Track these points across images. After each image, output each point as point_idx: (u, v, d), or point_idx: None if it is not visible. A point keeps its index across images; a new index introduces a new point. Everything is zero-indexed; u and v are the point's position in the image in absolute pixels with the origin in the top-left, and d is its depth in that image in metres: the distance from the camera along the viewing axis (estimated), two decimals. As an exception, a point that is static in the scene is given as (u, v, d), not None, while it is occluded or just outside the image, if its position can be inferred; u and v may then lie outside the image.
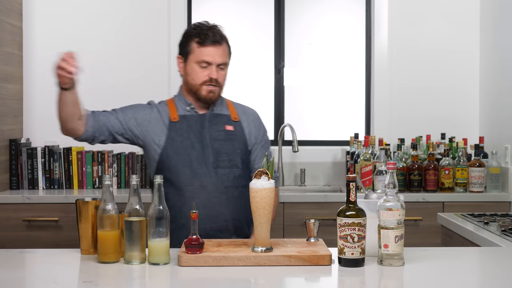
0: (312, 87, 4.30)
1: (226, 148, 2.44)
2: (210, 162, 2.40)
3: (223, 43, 2.44)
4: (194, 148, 2.41)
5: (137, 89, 4.08)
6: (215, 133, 2.45)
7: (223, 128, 2.47)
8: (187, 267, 1.87)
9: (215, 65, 2.41)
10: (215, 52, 2.41)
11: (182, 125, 2.44)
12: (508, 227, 2.45)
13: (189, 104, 2.48)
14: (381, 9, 4.13)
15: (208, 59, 2.40)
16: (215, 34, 2.42)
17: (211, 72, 2.41)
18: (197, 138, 2.42)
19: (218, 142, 2.44)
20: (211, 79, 2.41)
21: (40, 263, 2.03)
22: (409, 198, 3.51)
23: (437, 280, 1.77)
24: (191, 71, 2.44)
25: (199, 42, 2.42)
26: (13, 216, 3.47)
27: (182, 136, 2.42)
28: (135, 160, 3.85)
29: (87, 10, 4.07)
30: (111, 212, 1.94)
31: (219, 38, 2.42)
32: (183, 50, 2.48)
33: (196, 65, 2.42)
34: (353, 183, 1.88)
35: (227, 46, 2.47)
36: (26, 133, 4.02)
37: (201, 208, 2.26)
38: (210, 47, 2.41)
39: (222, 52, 2.43)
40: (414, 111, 4.13)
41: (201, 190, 2.38)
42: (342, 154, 4.13)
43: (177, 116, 2.45)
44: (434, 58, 4.13)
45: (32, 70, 4.02)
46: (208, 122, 2.46)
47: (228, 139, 2.46)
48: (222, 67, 2.44)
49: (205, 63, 2.41)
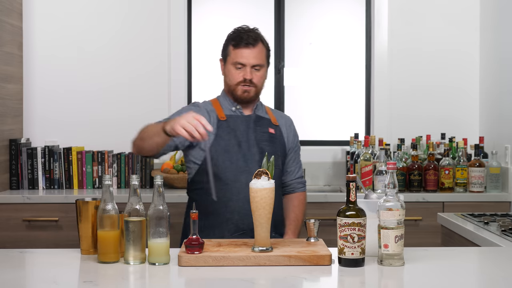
0: (312, 87, 4.30)
1: (269, 149, 2.53)
2: (256, 160, 2.49)
3: (257, 45, 2.51)
4: (241, 147, 2.49)
5: (137, 89, 4.08)
6: (260, 134, 2.55)
7: (267, 130, 2.57)
8: (187, 267, 1.88)
9: (249, 66, 2.49)
10: (249, 53, 2.49)
11: (229, 124, 2.52)
12: (508, 227, 2.45)
13: (235, 104, 2.56)
14: (381, 9, 4.13)
15: (242, 60, 2.49)
16: (249, 37, 2.50)
17: (245, 73, 2.49)
18: (243, 138, 2.51)
19: (262, 143, 2.53)
20: (245, 79, 2.49)
21: (40, 263, 2.03)
22: (409, 198, 3.51)
23: (437, 280, 1.78)
24: (228, 72, 2.54)
25: (234, 45, 2.52)
26: (13, 216, 3.47)
27: (229, 134, 2.50)
28: (135, 160, 3.85)
29: (87, 10, 4.07)
30: (111, 212, 1.94)
31: (252, 41, 2.50)
32: (223, 53, 2.59)
33: (232, 67, 2.52)
34: (353, 183, 1.88)
35: (263, 47, 2.55)
36: (26, 133, 4.02)
37: (246, 204, 2.35)
38: (244, 49, 2.49)
39: (257, 54, 2.51)
40: (414, 111, 4.13)
41: (247, 187, 2.43)
42: (342, 154, 4.13)
43: (224, 115, 2.53)
44: (434, 58, 4.13)
45: (32, 70, 4.02)
46: (253, 123, 2.55)
47: (271, 141, 2.56)
48: (258, 68, 2.52)
49: (240, 64, 2.50)
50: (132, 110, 4.07)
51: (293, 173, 2.67)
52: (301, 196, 2.69)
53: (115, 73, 4.08)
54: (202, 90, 4.20)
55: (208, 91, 4.14)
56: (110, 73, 4.07)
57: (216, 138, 2.48)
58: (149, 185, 3.84)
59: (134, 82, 4.08)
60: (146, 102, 4.08)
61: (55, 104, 4.04)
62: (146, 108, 4.07)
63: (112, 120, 4.05)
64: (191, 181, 2.55)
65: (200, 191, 2.48)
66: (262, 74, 2.54)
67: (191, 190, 2.56)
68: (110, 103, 4.08)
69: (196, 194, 2.51)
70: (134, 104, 4.07)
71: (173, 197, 3.45)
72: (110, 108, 4.07)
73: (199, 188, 2.49)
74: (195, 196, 2.51)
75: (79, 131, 4.04)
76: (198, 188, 2.50)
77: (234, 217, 2.43)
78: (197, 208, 2.42)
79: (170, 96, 4.08)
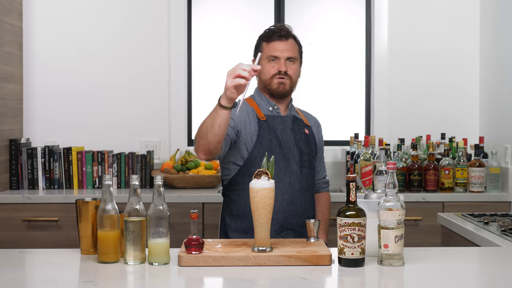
0: (312, 87, 4.30)
1: (306, 149, 2.55)
2: (297, 161, 2.50)
3: (289, 38, 2.54)
4: (281, 147, 2.49)
5: (138, 89, 4.08)
6: (298, 134, 2.56)
7: (303, 131, 2.59)
8: (187, 267, 1.88)
9: (284, 59, 2.50)
10: (282, 46, 2.50)
11: (269, 124, 2.51)
12: (508, 227, 2.45)
13: (273, 104, 2.55)
14: (381, 10, 4.13)
15: (276, 53, 2.50)
16: (281, 30, 2.53)
17: (280, 66, 2.49)
18: (283, 138, 2.51)
19: (301, 143, 2.55)
20: (280, 71, 2.49)
21: (40, 263, 2.03)
22: (409, 198, 3.51)
23: (437, 280, 1.78)
24: (262, 68, 2.52)
25: (267, 40, 2.53)
26: (13, 216, 3.47)
27: (270, 134, 2.49)
28: (135, 160, 3.85)
29: (87, 10, 4.07)
30: (111, 212, 1.94)
31: (285, 34, 2.52)
32: (256, 52, 2.58)
33: (266, 61, 2.51)
34: (353, 183, 1.88)
35: (295, 42, 2.56)
36: (26, 133, 4.02)
37: (290, 204, 2.45)
38: (277, 42, 2.51)
39: (290, 47, 2.52)
40: (414, 111, 4.13)
41: (290, 187, 2.48)
42: (342, 154, 4.13)
43: (263, 115, 2.52)
44: (434, 59, 4.13)
45: (32, 70, 4.02)
46: (292, 124, 2.56)
47: (307, 141, 2.58)
48: (292, 61, 2.52)
49: (274, 57, 2.50)
50: (132, 110, 4.07)
51: (319, 173, 2.70)
52: (327, 195, 2.74)
53: (115, 73, 4.08)
54: (202, 91, 4.20)
55: (208, 91, 4.16)
56: (110, 73, 4.07)
57: (259, 138, 2.47)
58: (149, 185, 3.84)
59: (134, 82, 4.08)
60: (146, 102, 4.08)
61: (55, 104, 4.04)
62: (146, 108, 4.07)
63: (112, 120, 4.06)
64: (231, 182, 2.50)
65: (242, 192, 2.44)
66: (296, 67, 2.54)
67: (231, 190, 2.51)
68: (110, 104, 4.08)
69: (237, 195, 2.48)
70: (134, 105, 4.07)
71: (173, 197, 3.46)
72: (110, 109, 4.07)
73: (240, 188, 2.46)
74: (236, 197, 2.49)
75: (79, 131, 4.04)
76: (239, 189, 2.47)
77: (279, 217, 2.43)
78: (238, 209, 2.47)
79: (170, 96, 4.08)
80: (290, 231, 2.45)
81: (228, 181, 2.52)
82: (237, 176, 2.48)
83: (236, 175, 2.48)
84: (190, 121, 4.17)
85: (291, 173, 2.48)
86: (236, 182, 2.48)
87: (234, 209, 2.49)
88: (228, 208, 2.53)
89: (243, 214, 2.45)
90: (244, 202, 2.43)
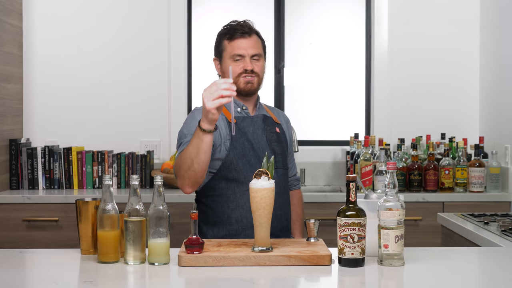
0: (312, 87, 4.30)
1: (279, 149, 2.48)
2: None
3: (252, 34, 2.44)
4: (254, 149, 2.40)
5: (138, 89, 4.08)
6: (270, 134, 2.48)
7: (274, 130, 2.51)
8: (187, 267, 1.87)
9: (249, 57, 2.41)
10: (246, 43, 2.41)
11: (240, 126, 2.42)
12: (508, 227, 2.45)
13: (241, 105, 2.47)
14: (381, 9, 4.13)
15: (240, 51, 2.40)
16: (243, 27, 2.43)
17: (245, 64, 2.40)
18: (255, 139, 2.43)
19: (273, 143, 2.47)
20: (246, 70, 2.40)
21: (40, 263, 2.03)
22: (409, 198, 3.51)
23: (437, 280, 1.77)
24: (227, 68, 2.41)
25: (229, 38, 2.43)
26: (13, 216, 3.47)
27: (242, 137, 2.41)
28: (135, 160, 3.85)
29: (87, 10, 4.07)
30: (111, 212, 1.94)
31: (247, 30, 2.43)
32: (217, 51, 2.49)
33: (230, 60, 2.41)
34: (353, 183, 1.88)
35: (258, 38, 2.47)
36: (26, 133, 4.02)
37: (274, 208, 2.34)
38: (240, 39, 2.41)
39: (254, 44, 2.43)
40: (414, 111, 4.13)
41: None
42: (342, 154, 4.13)
43: (233, 117, 2.44)
44: (434, 58, 4.13)
45: (32, 70, 4.02)
46: (262, 124, 2.48)
47: (279, 140, 2.51)
48: (257, 58, 2.43)
49: (238, 56, 2.41)
50: (132, 110, 4.07)
51: (290, 170, 2.62)
52: (299, 193, 2.67)
53: (115, 72, 4.08)
54: (202, 90, 4.19)
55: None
56: (110, 73, 4.07)
57: (232, 142, 2.37)
58: (149, 185, 3.84)
59: (134, 82, 4.08)
60: (146, 102, 4.08)
61: (55, 104, 4.04)
62: (146, 107, 4.08)
63: (112, 120, 4.06)
64: (205, 187, 2.40)
65: (218, 197, 2.37)
66: (262, 64, 2.45)
67: (206, 196, 2.42)
68: (110, 103, 4.08)
69: (213, 201, 2.39)
70: (134, 104, 4.07)
71: (173, 197, 3.45)
72: (110, 108, 4.07)
73: (216, 194, 2.38)
74: (212, 203, 2.40)
75: (79, 131, 4.04)
76: (215, 195, 2.38)
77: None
78: (214, 216, 2.38)
79: (170, 95, 4.08)
80: (277, 235, 2.34)
81: (201, 187, 2.40)
82: (211, 182, 2.38)
83: (210, 181, 2.38)
84: (190, 121, 4.17)
85: None
86: (211, 187, 2.39)
87: (210, 216, 2.39)
88: (203, 216, 2.41)
89: (220, 221, 2.37)
90: (221, 209, 2.36)
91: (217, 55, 2.50)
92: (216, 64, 2.51)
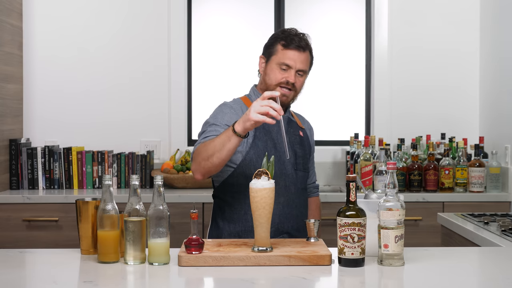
0: (312, 87, 4.30)
1: (301, 152, 2.51)
2: (292, 163, 2.46)
3: (306, 50, 2.44)
4: (277, 149, 2.42)
5: (138, 89, 4.08)
6: (293, 136, 2.51)
7: (298, 133, 2.54)
8: (187, 267, 1.87)
9: (295, 70, 2.40)
10: (297, 57, 2.40)
11: (265, 125, 2.42)
12: (508, 227, 2.45)
13: None
14: (381, 9, 4.13)
15: (289, 62, 2.40)
16: (301, 40, 2.42)
17: (289, 76, 2.40)
18: (278, 140, 2.44)
19: (295, 146, 2.50)
20: (288, 82, 2.41)
21: (40, 263, 2.03)
22: (409, 198, 3.51)
23: (437, 280, 1.78)
24: (270, 71, 2.43)
25: (284, 45, 2.42)
26: (13, 216, 3.47)
27: (266, 136, 2.43)
28: (135, 160, 3.85)
29: (87, 10, 4.07)
30: (111, 212, 1.94)
31: (304, 45, 2.42)
32: (267, 51, 2.48)
33: (277, 66, 2.42)
34: (353, 183, 1.88)
35: (310, 55, 2.47)
36: (26, 133, 4.02)
37: (286, 207, 2.40)
38: (294, 51, 2.40)
39: (304, 59, 2.43)
40: (414, 111, 4.13)
41: (286, 190, 2.43)
42: (342, 154, 4.13)
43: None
44: (434, 58, 4.13)
45: (32, 70, 4.02)
46: (287, 126, 2.48)
47: (301, 144, 2.53)
48: (301, 74, 2.43)
49: (286, 65, 2.40)
50: (132, 110, 4.07)
51: (310, 177, 2.65)
52: (317, 200, 2.71)
53: (115, 73, 4.08)
54: (202, 91, 4.20)
55: (208, 91, 4.16)
56: (110, 74, 4.07)
57: (254, 140, 2.40)
58: (149, 185, 3.84)
59: (134, 82, 4.08)
60: (146, 103, 4.08)
61: (55, 104, 4.04)
62: (146, 107, 4.08)
63: (112, 120, 4.06)
64: (224, 183, 2.43)
65: (237, 194, 2.39)
66: (303, 80, 2.46)
67: (225, 192, 2.44)
68: (110, 104, 4.08)
69: (231, 197, 2.41)
70: (134, 105, 4.07)
71: (173, 197, 3.46)
72: (110, 108, 4.07)
73: (235, 191, 2.40)
74: (230, 200, 2.42)
75: (79, 131, 4.04)
76: (234, 191, 2.40)
77: (275, 220, 2.34)
78: (232, 212, 2.41)
79: (170, 96, 4.08)
80: (286, 235, 2.39)
81: (220, 182, 2.45)
82: (230, 178, 2.41)
83: (229, 177, 2.41)
84: (190, 121, 4.17)
85: (287, 175, 2.43)
86: (230, 184, 2.41)
87: (227, 212, 2.42)
88: (220, 211, 2.45)
89: (237, 217, 2.40)
90: (239, 205, 2.39)
91: (265, 54, 2.49)
92: (262, 62, 2.50)
